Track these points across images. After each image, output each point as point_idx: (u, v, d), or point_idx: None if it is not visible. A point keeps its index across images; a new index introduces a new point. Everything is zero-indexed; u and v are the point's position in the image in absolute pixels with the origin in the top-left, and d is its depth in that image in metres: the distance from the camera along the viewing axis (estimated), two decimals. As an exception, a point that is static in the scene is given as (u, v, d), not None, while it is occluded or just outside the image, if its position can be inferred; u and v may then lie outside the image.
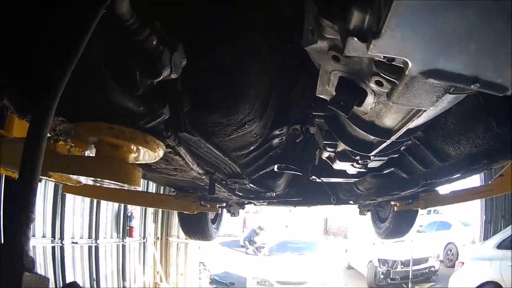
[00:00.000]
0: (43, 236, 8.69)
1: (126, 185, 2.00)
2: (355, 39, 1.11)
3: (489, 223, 13.56)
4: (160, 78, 1.71)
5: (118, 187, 2.19)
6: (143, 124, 1.90)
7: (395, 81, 1.34)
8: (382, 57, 1.23)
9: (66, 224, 9.35)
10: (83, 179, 2.13)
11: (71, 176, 2.10)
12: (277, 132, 2.94)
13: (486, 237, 13.23)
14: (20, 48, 1.60)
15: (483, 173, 7.28)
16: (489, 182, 4.42)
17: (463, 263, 11.17)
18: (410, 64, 1.06)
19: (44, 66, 1.60)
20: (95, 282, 10.78)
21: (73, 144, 2.04)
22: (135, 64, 1.68)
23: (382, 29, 0.95)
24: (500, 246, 10.10)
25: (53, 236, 9.01)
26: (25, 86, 1.74)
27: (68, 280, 8.99)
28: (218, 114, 2.29)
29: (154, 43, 1.62)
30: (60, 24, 1.49)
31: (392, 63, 1.26)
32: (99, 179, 1.99)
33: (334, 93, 1.69)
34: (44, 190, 8.48)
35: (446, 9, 0.91)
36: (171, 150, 2.37)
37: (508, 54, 1.06)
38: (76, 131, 1.86)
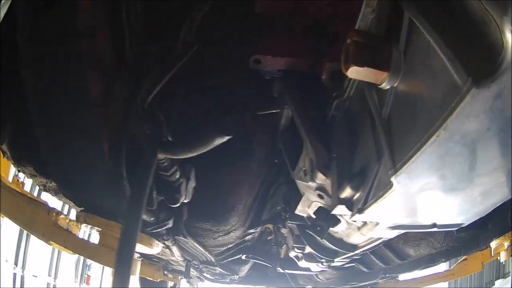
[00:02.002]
0: (6, 261, 8.12)
1: None
2: (344, 207, 1.34)
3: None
4: (178, 205, 2.04)
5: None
6: (150, 230, 2.21)
7: (367, 221, 1.58)
8: None
9: (29, 254, 8.79)
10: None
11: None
12: (251, 231, 3.15)
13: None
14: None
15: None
16: (451, 267, 4.47)
17: None
18: (381, 224, 1.30)
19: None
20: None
21: (73, 220, 2.22)
22: (154, 185, 1.92)
23: (366, 210, 1.18)
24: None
25: (16, 263, 8.44)
26: (27, 136, 1.88)
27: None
28: (211, 224, 2.64)
29: (177, 177, 1.93)
30: None
31: None
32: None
33: (313, 215, 1.89)
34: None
35: (420, 193, 1.11)
36: (165, 247, 2.68)
37: (461, 204, 1.23)
38: (87, 221, 2.10)
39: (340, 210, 1.37)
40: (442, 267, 4.51)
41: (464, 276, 4.43)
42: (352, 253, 2.27)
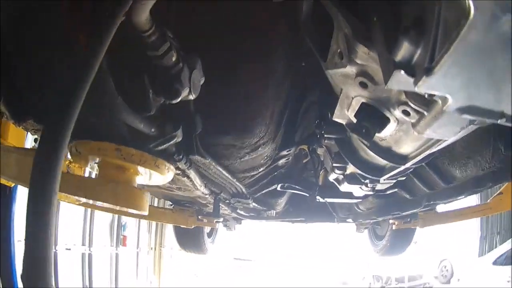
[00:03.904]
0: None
1: (132, 210, 1.85)
2: (402, 72, 1.01)
3: (485, 239, 13.59)
4: (178, 100, 1.57)
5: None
6: (154, 147, 1.78)
7: (424, 112, 1.30)
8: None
9: (59, 228, 8.94)
10: (84, 199, 1.96)
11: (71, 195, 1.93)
12: (284, 153, 2.89)
13: (481, 253, 13.27)
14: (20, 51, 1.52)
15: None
16: (488, 201, 4.38)
17: (459, 279, 11.20)
18: (450, 101, 1.00)
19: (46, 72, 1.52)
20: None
21: (72, 160, 1.92)
22: (149, 82, 1.55)
23: (437, 66, 0.88)
24: (495, 262, 10.18)
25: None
26: (23, 90, 1.65)
27: (61, 286, 8.69)
28: (232, 137, 2.17)
29: (173, 59, 1.47)
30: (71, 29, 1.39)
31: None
32: (102, 204, 1.83)
33: (353, 119, 1.63)
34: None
35: (501, 48, 0.85)
36: (180, 172, 2.25)
37: None
38: (78, 149, 1.72)
39: (398, 79, 1.02)
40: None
41: (500, 211, 4.42)
42: (401, 167, 2.02)
